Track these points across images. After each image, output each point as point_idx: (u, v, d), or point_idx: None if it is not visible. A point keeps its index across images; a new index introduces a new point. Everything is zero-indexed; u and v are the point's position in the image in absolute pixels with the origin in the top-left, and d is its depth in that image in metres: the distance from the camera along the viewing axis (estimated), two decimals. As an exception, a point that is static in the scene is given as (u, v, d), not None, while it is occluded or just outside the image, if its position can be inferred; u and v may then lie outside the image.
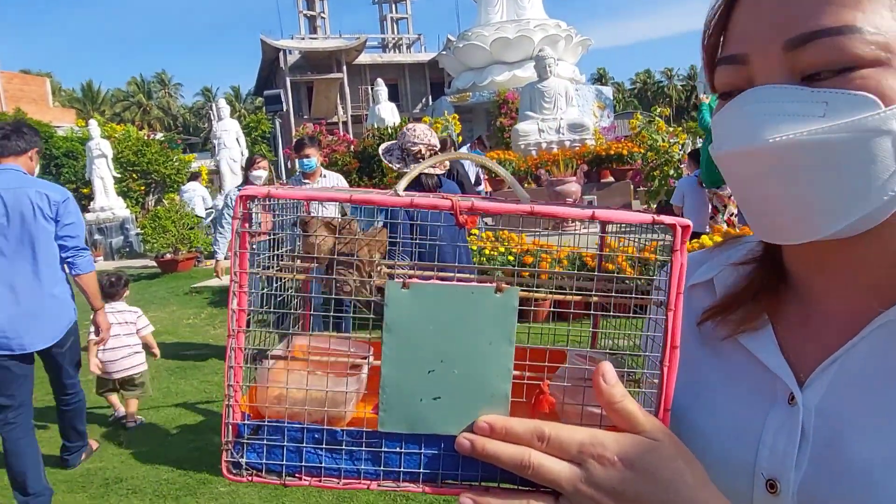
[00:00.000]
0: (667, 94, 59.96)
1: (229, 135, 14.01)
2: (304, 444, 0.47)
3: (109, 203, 13.85)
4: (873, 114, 0.42)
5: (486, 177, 12.34)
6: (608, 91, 20.15)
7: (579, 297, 0.50)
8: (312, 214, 0.56)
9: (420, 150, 2.90)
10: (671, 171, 10.85)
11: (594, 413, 0.46)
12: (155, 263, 10.85)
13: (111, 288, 4.05)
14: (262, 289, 0.53)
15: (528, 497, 0.44)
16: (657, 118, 12.43)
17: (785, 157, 0.44)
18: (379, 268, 0.52)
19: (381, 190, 0.52)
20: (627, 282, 0.50)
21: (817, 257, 0.52)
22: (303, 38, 34.74)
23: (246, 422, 0.47)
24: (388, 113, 13.39)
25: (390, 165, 2.94)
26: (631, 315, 0.50)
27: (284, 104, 17.39)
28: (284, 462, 0.47)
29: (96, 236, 13.58)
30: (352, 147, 10.14)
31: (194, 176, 16.68)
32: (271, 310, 0.54)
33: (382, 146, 3.11)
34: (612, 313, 0.49)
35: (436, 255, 0.64)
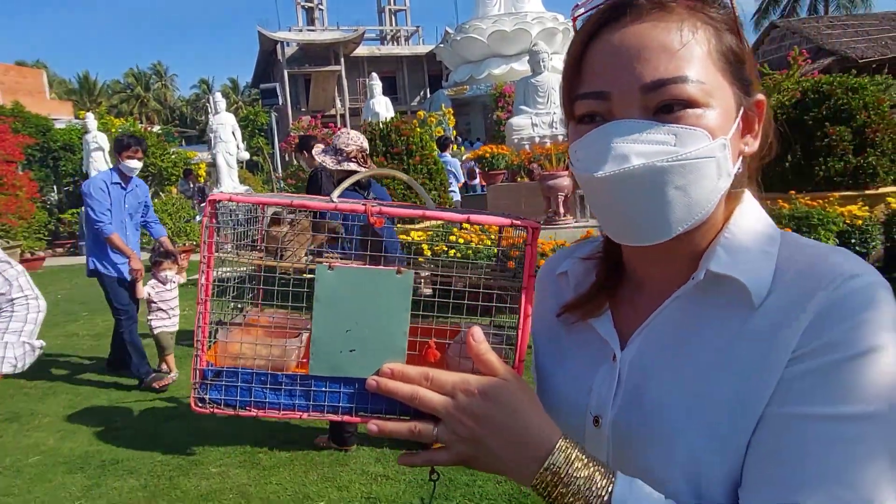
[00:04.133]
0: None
1: (225, 129, 14.12)
2: (253, 385, 0.63)
3: (106, 195, 13.97)
4: (706, 144, 0.57)
5: (480, 171, 12.49)
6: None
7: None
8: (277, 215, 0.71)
9: (352, 151, 3.38)
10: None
11: (467, 364, 0.62)
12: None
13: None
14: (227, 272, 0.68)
15: (416, 421, 0.60)
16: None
17: (648, 177, 0.56)
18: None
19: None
20: (505, 271, 0.67)
21: (646, 253, 0.65)
22: (300, 30, 34.64)
23: (209, 367, 0.63)
24: (383, 108, 13.46)
25: (323, 162, 3.40)
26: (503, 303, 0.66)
27: (281, 97, 17.48)
28: (238, 398, 0.63)
29: (93, 228, 13.71)
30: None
31: (188, 172, 16.75)
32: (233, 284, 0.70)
33: (317, 148, 3.55)
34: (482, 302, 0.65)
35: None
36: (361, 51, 35.10)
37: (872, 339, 0.53)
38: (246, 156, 15.75)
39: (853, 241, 6.22)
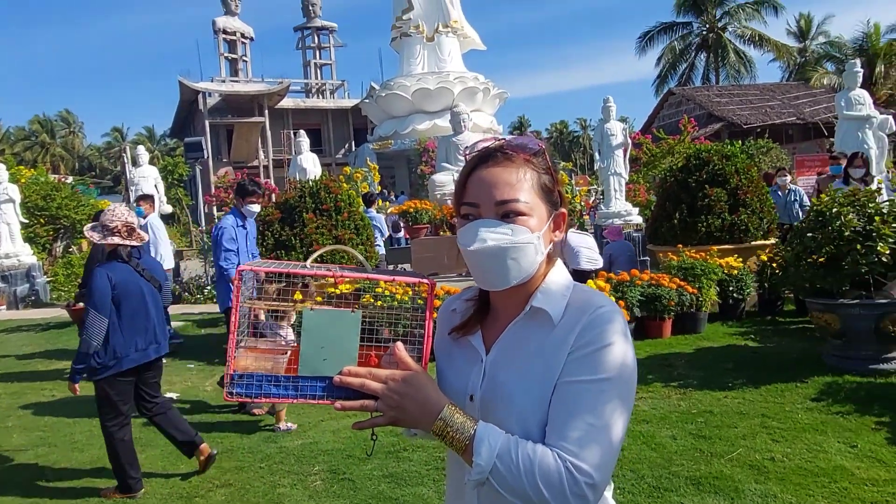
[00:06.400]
0: (581, 143, 63.61)
1: (147, 182, 13.91)
2: (262, 383, 1.02)
3: (15, 249, 13.36)
4: (527, 235, 1.03)
5: (405, 224, 13.03)
6: (522, 143, 21.32)
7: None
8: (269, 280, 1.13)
9: (117, 226, 3.72)
10: (574, 221, 11.92)
11: (394, 363, 1.04)
12: (66, 312, 10.62)
13: None
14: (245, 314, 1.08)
15: (363, 399, 1.01)
16: (560, 171, 13.60)
17: (494, 252, 1.02)
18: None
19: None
20: (415, 310, 1.10)
21: (500, 296, 1.10)
22: (223, 81, 34.45)
23: (234, 372, 1.02)
24: (310, 163, 13.77)
25: (91, 238, 3.76)
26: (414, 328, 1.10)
27: (205, 151, 17.49)
28: (253, 392, 1.02)
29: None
30: (274, 196, 10.50)
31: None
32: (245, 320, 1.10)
33: (88, 226, 3.87)
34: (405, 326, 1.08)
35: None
36: (286, 103, 35.25)
37: (608, 339, 1.00)
38: (168, 209, 15.52)
39: (731, 288, 7.10)
